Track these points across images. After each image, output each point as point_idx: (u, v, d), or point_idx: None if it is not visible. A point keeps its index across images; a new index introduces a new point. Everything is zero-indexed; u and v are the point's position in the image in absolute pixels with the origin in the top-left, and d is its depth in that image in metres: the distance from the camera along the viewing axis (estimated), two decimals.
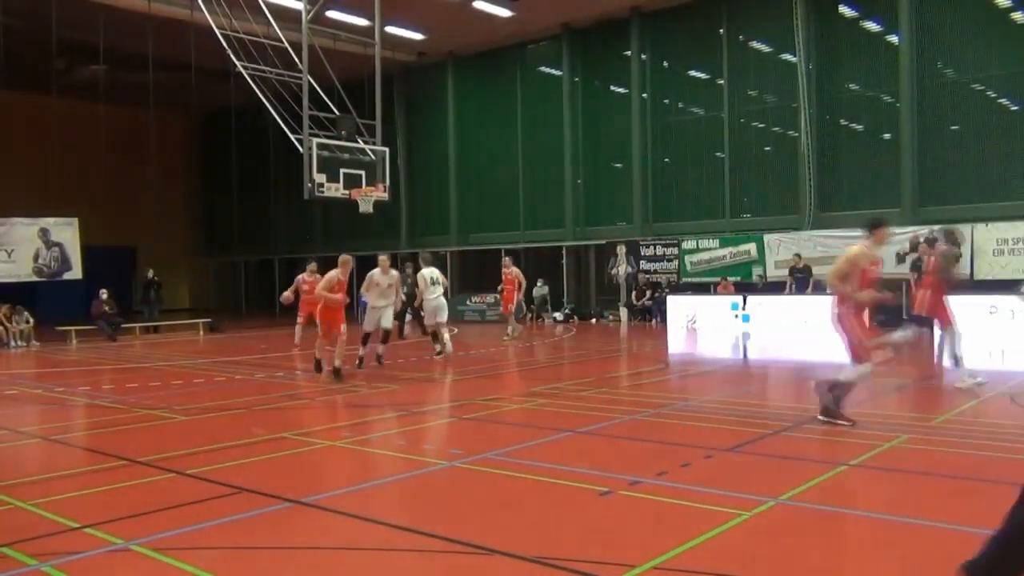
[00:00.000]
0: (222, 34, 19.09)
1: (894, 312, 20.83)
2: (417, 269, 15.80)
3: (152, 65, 23.42)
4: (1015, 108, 19.94)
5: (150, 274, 26.25)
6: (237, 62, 18.96)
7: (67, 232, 24.41)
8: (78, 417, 10.18)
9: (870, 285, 8.03)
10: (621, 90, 26.11)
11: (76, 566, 4.54)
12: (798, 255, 21.20)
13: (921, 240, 19.66)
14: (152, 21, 22.31)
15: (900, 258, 20.06)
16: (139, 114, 30.97)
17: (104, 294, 22.32)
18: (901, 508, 5.29)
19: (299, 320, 17.45)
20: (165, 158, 35.68)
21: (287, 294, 16.95)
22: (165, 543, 4.83)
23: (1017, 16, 19.82)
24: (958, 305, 11.13)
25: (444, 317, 14.88)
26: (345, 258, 12.45)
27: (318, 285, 12.60)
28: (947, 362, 10.90)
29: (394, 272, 13.63)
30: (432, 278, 14.75)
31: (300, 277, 17.42)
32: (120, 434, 8.47)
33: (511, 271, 18.83)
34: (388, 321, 13.39)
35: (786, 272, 21.64)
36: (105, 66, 25.62)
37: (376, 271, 13.26)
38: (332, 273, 12.19)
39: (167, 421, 9.12)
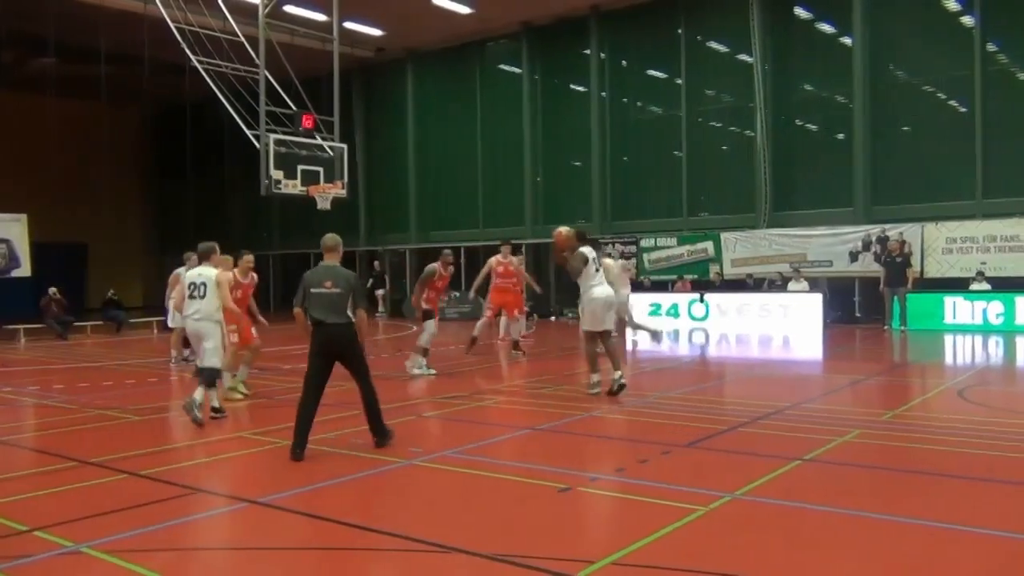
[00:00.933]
0: (176, 28, 18.78)
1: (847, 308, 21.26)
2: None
3: (104, 58, 22.98)
4: (964, 109, 20.39)
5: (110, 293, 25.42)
6: (192, 56, 18.66)
7: (15, 228, 23.82)
8: (27, 418, 9.95)
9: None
10: (580, 88, 26.21)
11: (26, 570, 4.44)
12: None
13: (873, 239, 20.09)
14: (104, 13, 21.87)
15: (853, 256, 20.45)
16: (91, 108, 30.41)
17: (54, 292, 21.84)
18: (856, 502, 5.39)
19: None
20: (118, 153, 35.06)
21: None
22: (117, 545, 4.74)
23: (966, 20, 20.27)
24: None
25: (609, 323, 9.95)
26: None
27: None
28: None
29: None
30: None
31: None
32: (71, 435, 8.30)
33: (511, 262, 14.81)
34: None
35: (742, 270, 21.95)
36: (55, 59, 25.08)
37: (181, 269, 12.11)
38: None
39: (120, 421, 8.96)
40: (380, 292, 27.05)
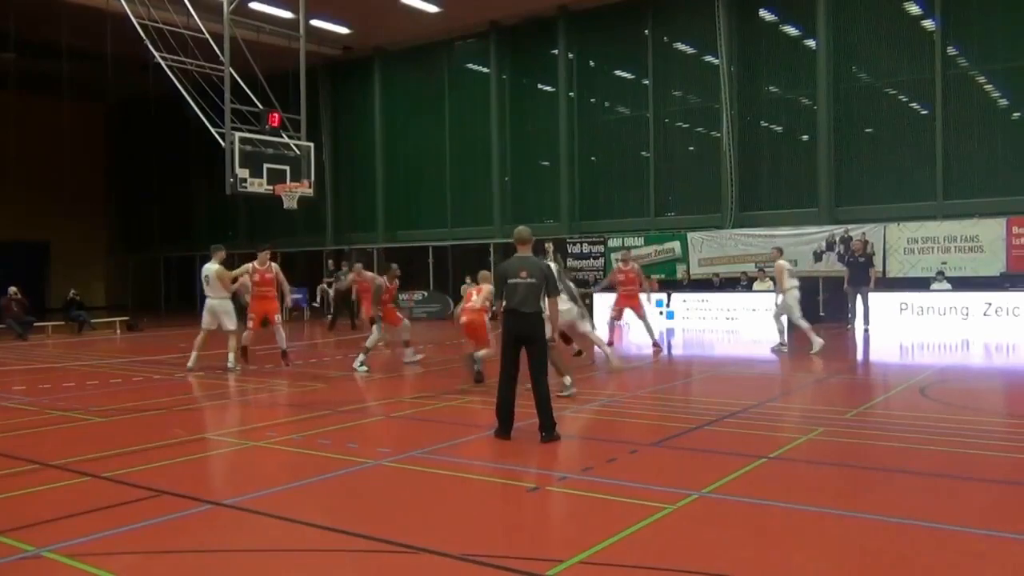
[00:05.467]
0: (140, 23, 18.50)
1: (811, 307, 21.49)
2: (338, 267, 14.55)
3: (66, 54, 22.57)
4: (924, 112, 20.73)
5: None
6: (156, 52, 18.40)
7: None
8: None
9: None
10: (548, 88, 26.26)
11: None
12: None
13: (837, 239, 20.36)
14: (66, 8, 21.49)
15: (817, 256, 20.70)
16: (53, 104, 29.86)
17: (14, 291, 21.44)
18: (821, 499, 5.46)
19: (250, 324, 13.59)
20: (80, 150, 34.54)
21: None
22: (80, 549, 4.67)
23: (927, 24, 20.62)
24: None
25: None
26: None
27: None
28: None
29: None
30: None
31: (250, 266, 13.69)
32: (31, 436, 8.15)
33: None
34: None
35: (709, 269, 22.13)
36: (15, 53, 24.60)
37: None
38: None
39: (82, 423, 8.82)
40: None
